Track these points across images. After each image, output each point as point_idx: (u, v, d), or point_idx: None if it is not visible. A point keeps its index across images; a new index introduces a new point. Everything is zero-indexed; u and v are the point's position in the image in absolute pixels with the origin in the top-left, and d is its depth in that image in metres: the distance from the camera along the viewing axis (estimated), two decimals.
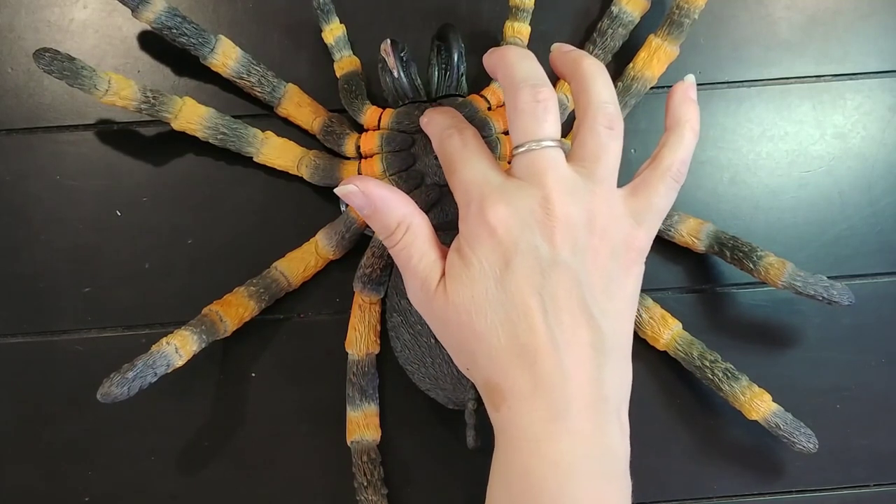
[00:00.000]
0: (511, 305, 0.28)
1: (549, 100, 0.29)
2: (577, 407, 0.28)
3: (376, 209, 0.30)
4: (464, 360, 0.31)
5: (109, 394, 0.32)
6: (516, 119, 0.29)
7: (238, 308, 0.36)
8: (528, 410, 0.28)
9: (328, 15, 0.39)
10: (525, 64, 0.30)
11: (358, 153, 0.38)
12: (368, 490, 0.36)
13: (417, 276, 0.30)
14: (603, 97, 0.30)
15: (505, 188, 0.29)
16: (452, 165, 0.31)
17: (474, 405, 0.34)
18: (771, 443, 0.38)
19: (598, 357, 0.29)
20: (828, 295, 0.36)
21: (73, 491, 0.38)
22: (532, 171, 0.29)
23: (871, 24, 0.41)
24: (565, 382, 0.28)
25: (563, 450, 0.28)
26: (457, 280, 0.29)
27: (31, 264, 0.39)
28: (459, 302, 0.29)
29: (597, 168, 0.29)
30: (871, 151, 0.40)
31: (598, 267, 0.29)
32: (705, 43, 0.41)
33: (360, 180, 0.30)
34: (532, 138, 0.29)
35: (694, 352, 0.37)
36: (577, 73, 0.31)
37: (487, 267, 0.28)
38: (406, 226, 0.30)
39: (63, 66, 0.35)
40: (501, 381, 0.29)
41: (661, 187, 0.31)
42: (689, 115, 0.32)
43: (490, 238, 0.28)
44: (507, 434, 0.29)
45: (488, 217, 0.28)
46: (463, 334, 0.29)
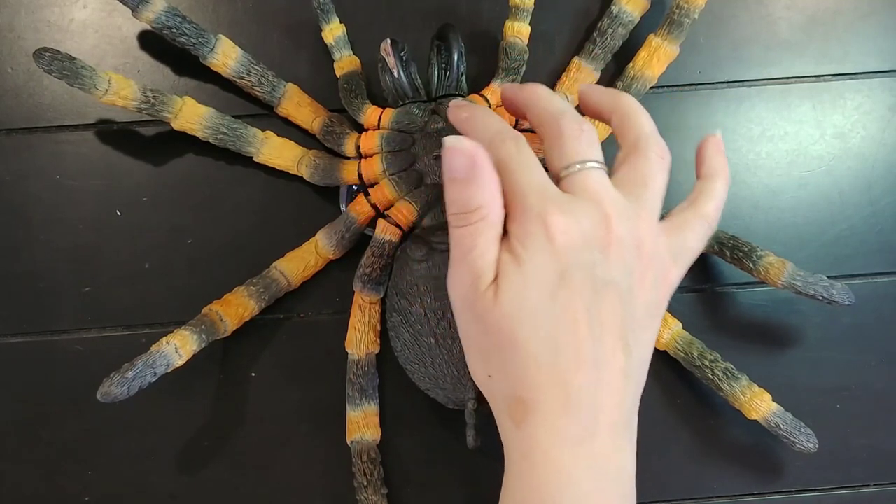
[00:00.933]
0: (560, 319, 0.27)
1: (594, 132, 0.30)
2: (603, 430, 0.28)
3: (471, 179, 0.28)
4: (490, 368, 0.29)
5: (109, 393, 0.32)
6: (563, 143, 0.29)
7: (238, 308, 0.36)
8: (556, 430, 0.27)
9: (328, 15, 0.39)
10: (560, 99, 0.31)
11: (358, 153, 0.38)
12: (368, 490, 0.36)
13: (472, 269, 0.28)
14: (652, 128, 0.31)
15: (566, 200, 0.28)
16: (507, 170, 0.29)
17: (474, 405, 0.34)
18: (771, 442, 0.38)
19: (627, 383, 0.28)
20: (828, 294, 0.36)
21: (73, 491, 0.38)
22: (588, 190, 0.29)
23: (870, 23, 0.41)
24: (597, 405, 0.28)
25: (587, 473, 0.27)
26: (509, 283, 0.28)
27: (31, 264, 0.39)
28: (508, 307, 0.28)
29: (645, 194, 0.29)
30: (870, 151, 0.40)
31: (643, 292, 0.29)
32: (705, 42, 0.41)
33: (472, 143, 0.28)
34: (582, 159, 0.29)
35: (694, 351, 0.37)
36: (619, 107, 0.31)
37: (542, 275, 0.28)
38: (484, 213, 0.28)
39: (63, 65, 0.35)
40: (531, 395, 0.28)
41: (699, 230, 0.31)
42: (723, 168, 0.32)
43: (549, 246, 0.28)
44: (526, 454, 0.28)
45: (550, 226, 0.27)
46: (501, 340, 0.28)
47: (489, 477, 0.39)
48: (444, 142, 0.28)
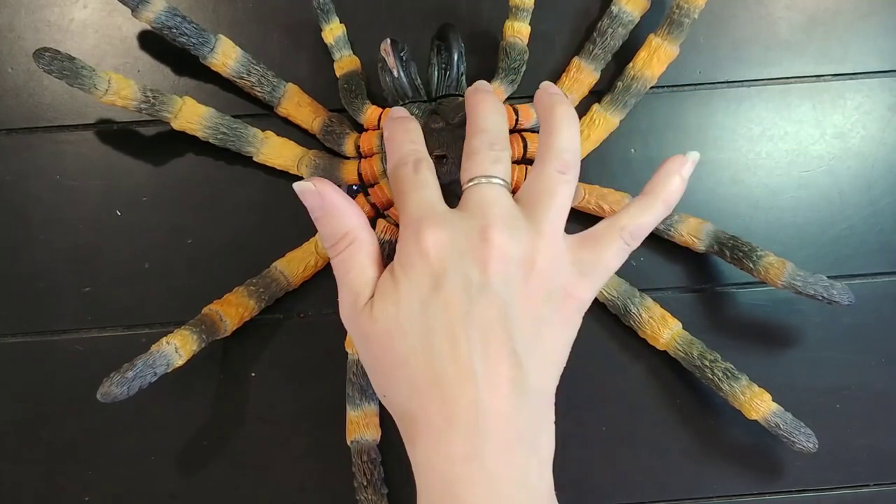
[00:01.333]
0: (434, 330, 0.27)
1: (504, 152, 0.31)
2: (493, 446, 0.27)
3: (327, 214, 0.30)
4: (383, 386, 0.30)
5: (109, 393, 0.32)
6: (471, 157, 0.30)
7: (238, 308, 0.36)
8: (443, 446, 0.27)
9: (328, 14, 0.39)
10: (496, 118, 0.32)
11: (358, 153, 0.38)
12: (368, 490, 0.36)
13: (351, 290, 0.30)
14: (563, 144, 0.30)
15: (446, 216, 0.29)
16: (400, 194, 0.30)
17: None
18: (771, 442, 0.38)
19: (518, 396, 0.27)
20: (828, 294, 0.36)
21: (73, 491, 0.38)
22: (477, 203, 0.29)
23: (870, 23, 0.41)
24: (481, 419, 0.27)
25: (478, 492, 0.26)
26: (384, 299, 0.29)
27: (31, 264, 0.39)
28: (383, 320, 0.28)
29: (541, 209, 0.29)
30: (870, 151, 0.40)
31: (530, 305, 0.28)
32: (705, 42, 0.41)
33: (319, 181, 0.30)
34: (483, 174, 0.30)
35: (694, 351, 0.37)
36: (547, 118, 0.31)
37: (415, 289, 0.28)
38: (351, 238, 0.30)
39: (63, 65, 0.35)
40: (417, 411, 0.28)
41: (612, 245, 0.30)
42: (670, 188, 0.30)
43: (421, 260, 0.28)
44: (423, 474, 0.28)
45: (423, 239, 0.28)
46: (385, 356, 0.29)
47: None
48: (294, 187, 0.30)
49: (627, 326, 0.38)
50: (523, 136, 0.37)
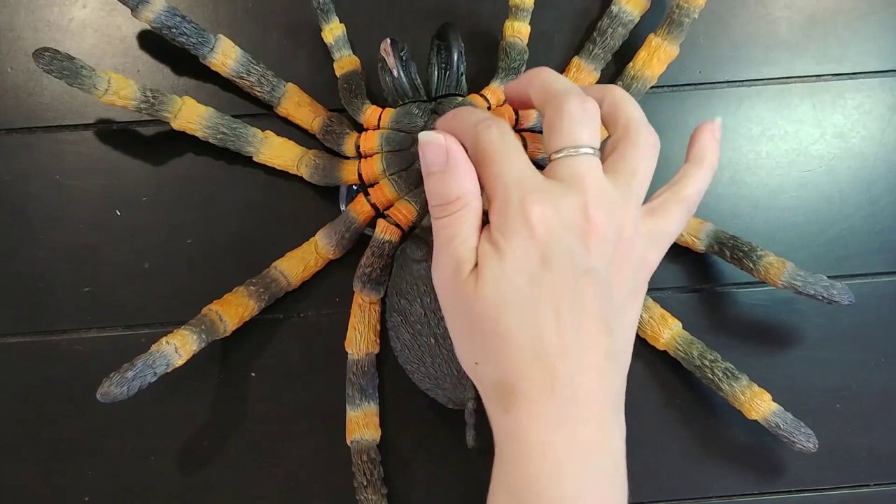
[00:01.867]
0: (540, 305, 0.28)
1: (595, 111, 0.30)
2: (588, 413, 0.28)
3: (448, 171, 0.29)
4: (477, 356, 0.30)
5: (109, 393, 0.32)
6: (561, 123, 0.29)
7: (238, 307, 0.36)
8: (541, 414, 0.28)
9: (328, 14, 0.39)
10: (564, 79, 0.31)
11: (358, 152, 0.38)
12: (368, 489, 0.36)
13: (453, 257, 0.29)
14: (641, 115, 0.31)
15: (547, 188, 0.28)
16: (490, 158, 0.29)
17: (474, 405, 0.34)
18: (771, 442, 0.38)
19: (611, 366, 0.29)
20: (828, 294, 0.36)
21: (73, 491, 0.38)
22: (573, 176, 0.29)
23: (870, 23, 0.41)
24: (580, 388, 0.28)
25: (574, 456, 0.28)
26: (489, 272, 0.28)
27: (31, 264, 0.39)
28: (489, 294, 0.28)
29: (633, 182, 0.30)
30: (870, 151, 0.40)
31: (622, 279, 0.29)
32: (705, 42, 0.41)
33: (445, 135, 0.29)
34: (575, 143, 0.29)
35: (694, 351, 0.37)
36: (609, 95, 0.31)
37: (522, 263, 0.28)
38: (465, 203, 0.29)
39: (62, 65, 0.35)
40: (517, 382, 0.28)
41: (677, 214, 0.31)
42: (713, 153, 0.32)
43: (528, 233, 0.28)
44: (515, 439, 0.28)
45: (530, 214, 0.28)
46: (485, 328, 0.28)
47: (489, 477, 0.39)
48: (418, 138, 0.29)
49: None
50: (523, 136, 0.37)
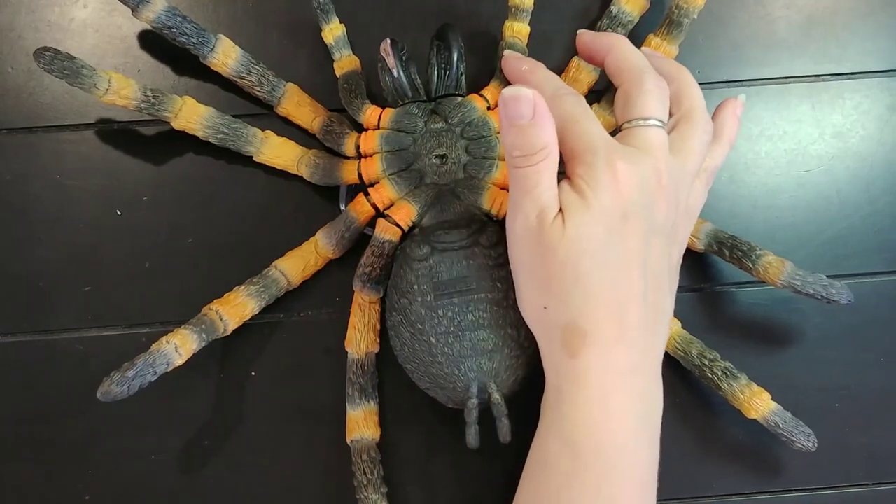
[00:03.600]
0: (619, 255, 0.30)
1: (667, 90, 0.32)
2: (647, 366, 0.31)
3: (535, 123, 0.30)
4: (547, 299, 0.31)
5: (109, 392, 0.32)
6: (641, 96, 0.32)
7: (238, 307, 0.36)
8: (610, 358, 0.30)
9: (328, 14, 0.39)
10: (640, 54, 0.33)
11: (358, 152, 0.38)
12: (368, 489, 0.36)
13: (537, 203, 0.31)
14: (703, 104, 0.33)
15: (628, 151, 0.31)
16: (572, 120, 0.31)
17: (474, 404, 0.34)
18: (770, 441, 0.38)
19: (664, 324, 0.32)
20: (827, 294, 0.36)
21: (73, 490, 0.38)
22: (648, 144, 0.31)
23: (869, 23, 0.41)
24: (646, 338, 0.30)
25: (631, 404, 0.30)
26: (577, 216, 0.30)
27: (31, 264, 0.39)
28: (576, 239, 0.30)
29: (691, 161, 0.32)
30: (869, 151, 0.40)
31: (678, 246, 0.33)
32: (704, 42, 0.41)
33: (531, 90, 0.30)
34: (651, 115, 0.31)
35: (693, 350, 0.37)
36: (680, 77, 0.34)
37: (608, 213, 0.30)
38: (549, 152, 0.30)
39: (63, 65, 0.35)
40: (588, 325, 0.30)
41: (700, 186, 0.34)
42: (732, 129, 0.35)
43: (615, 188, 0.30)
44: (578, 383, 0.30)
45: (618, 170, 0.30)
46: (565, 271, 0.30)
47: (489, 476, 0.39)
48: (504, 92, 0.30)
49: None
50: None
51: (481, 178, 0.37)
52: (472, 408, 0.34)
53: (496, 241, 0.34)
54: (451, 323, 0.34)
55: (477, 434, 0.34)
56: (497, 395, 0.34)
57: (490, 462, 0.38)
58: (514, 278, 0.33)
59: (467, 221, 0.36)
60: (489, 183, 0.37)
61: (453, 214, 0.36)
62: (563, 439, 0.30)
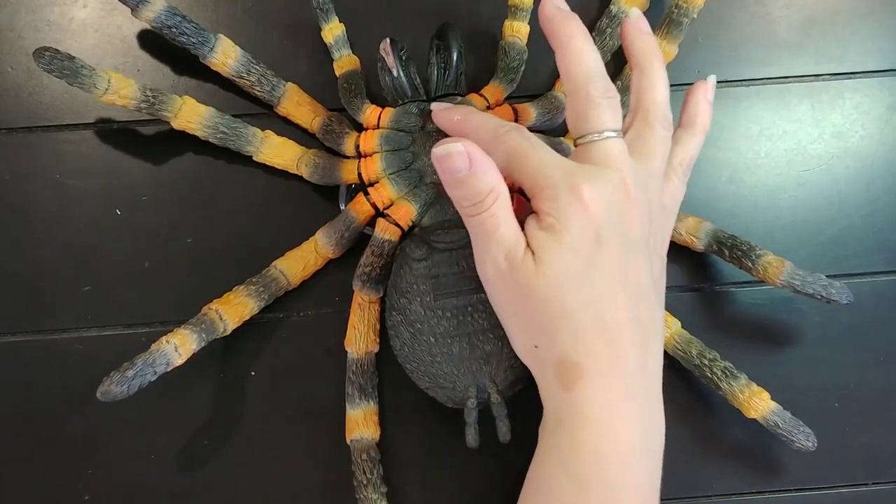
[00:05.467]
0: (600, 281, 0.29)
1: (617, 98, 0.31)
2: (645, 383, 0.30)
3: (474, 173, 0.30)
4: (536, 339, 0.30)
5: (109, 392, 0.32)
6: (589, 110, 0.31)
7: (238, 307, 0.36)
8: (605, 388, 0.29)
9: (327, 14, 0.39)
10: (593, 55, 0.31)
11: (357, 152, 0.38)
12: (368, 488, 0.37)
13: (503, 245, 0.30)
14: (664, 98, 0.32)
15: (589, 170, 0.30)
16: (521, 156, 0.30)
17: (473, 404, 0.34)
18: (769, 441, 0.38)
19: (658, 337, 0.31)
20: (826, 293, 0.36)
21: (73, 490, 0.38)
22: (607, 158, 0.30)
23: (869, 23, 0.41)
24: (639, 358, 0.30)
25: (632, 429, 0.29)
26: (549, 253, 0.29)
27: (30, 263, 0.39)
28: (552, 275, 0.29)
29: (654, 163, 0.31)
30: (869, 150, 0.40)
31: (658, 252, 0.32)
32: (704, 42, 0.41)
33: (461, 142, 0.30)
34: (603, 128, 0.30)
35: (693, 350, 0.37)
36: (646, 68, 0.33)
37: (580, 242, 0.29)
38: (497, 193, 0.30)
39: (63, 64, 0.35)
40: (581, 359, 0.29)
41: (676, 182, 0.33)
42: (704, 116, 0.34)
43: (584, 214, 0.29)
44: (577, 414, 0.29)
45: (582, 194, 0.29)
46: (548, 309, 0.29)
47: (489, 475, 0.39)
48: (434, 152, 0.30)
49: None
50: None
51: None
52: (471, 407, 0.34)
53: None
54: (450, 323, 0.34)
55: (476, 434, 0.34)
56: (496, 395, 0.34)
57: (490, 462, 0.38)
58: (500, 320, 0.32)
59: None
60: None
61: (453, 214, 0.36)
62: (563, 465, 0.30)
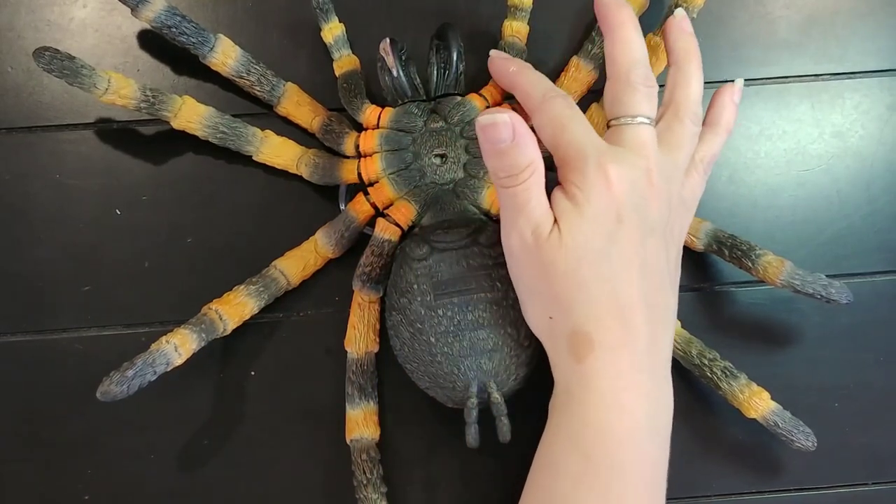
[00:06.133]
0: (617, 259, 0.30)
1: (655, 88, 0.33)
2: (656, 365, 0.31)
3: (517, 144, 0.30)
4: (552, 309, 0.31)
5: (109, 392, 0.32)
6: (627, 94, 0.32)
7: (238, 307, 0.36)
8: (617, 360, 0.30)
9: (327, 14, 0.39)
10: (639, 44, 0.33)
11: (357, 152, 0.38)
12: (368, 488, 0.37)
13: (532, 219, 0.31)
14: (697, 96, 0.34)
15: (620, 152, 0.31)
16: (562, 124, 0.31)
17: (473, 404, 0.34)
18: (769, 441, 0.38)
19: (670, 322, 0.32)
20: (826, 293, 0.36)
21: (73, 490, 0.38)
22: (636, 143, 0.31)
23: (869, 23, 0.41)
24: (649, 338, 0.30)
25: (639, 405, 0.30)
26: (573, 225, 0.30)
27: (30, 263, 0.39)
28: (574, 247, 0.30)
29: (679, 155, 0.32)
30: (869, 150, 0.40)
31: (675, 242, 0.33)
32: (704, 42, 0.40)
33: (511, 113, 0.30)
34: (637, 113, 0.32)
35: (693, 350, 0.37)
36: (683, 65, 0.34)
37: (602, 217, 0.30)
38: (534, 168, 0.30)
39: (63, 64, 0.35)
40: (594, 331, 0.30)
41: (696, 177, 0.34)
42: (729, 116, 0.35)
43: (608, 192, 0.30)
44: (587, 386, 0.30)
45: (609, 172, 0.30)
46: (566, 281, 0.30)
47: (489, 475, 0.39)
48: (480, 120, 0.30)
49: None
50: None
51: (481, 177, 0.37)
52: (471, 407, 0.34)
53: (495, 240, 0.34)
54: (450, 322, 0.34)
55: (477, 433, 0.34)
56: (497, 395, 0.34)
57: (490, 462, 0.38)
58: (517, 293, 0.33)
59: (466, 221, 0.36)
60: (489, 182, 0.37)
61: (453, 214, 0.36)
62: (572, 440, 0.30)
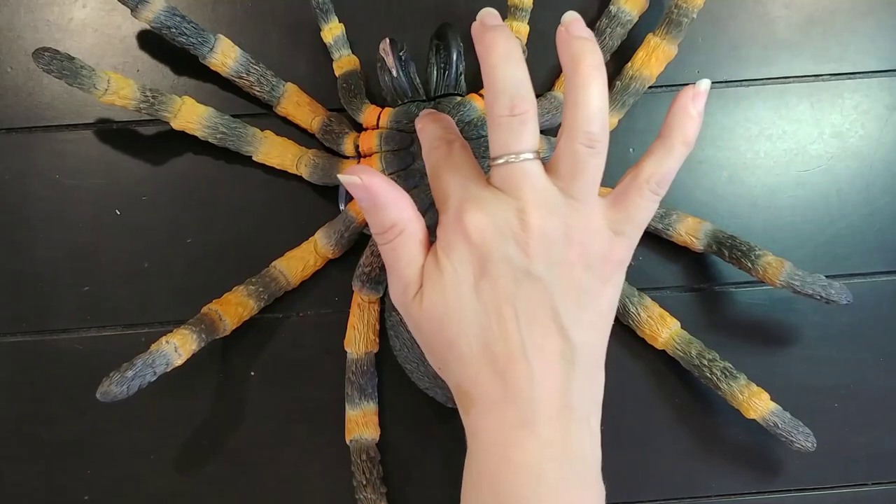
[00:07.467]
0: (484, 313, 0.29)
1: (528, 112, 0.28)
2: (545, 414, 0.28)
3: (375, 205, 0.30)
4: (437, 363, 0.31)
5: (109, 392, 0.32)
6: (493, 130, 0.29)
7: (237, 307, 0.36)
8: (497, 416, 0.29)
9: (327, 14, 0.39)
10: (507, 68, 0.28)
11: (357, 152, 0.38)
12: (367, 488, 0.37)
13: (401, 279, 0.30)
14: (589, 113, 0.28)
15: (482, 197, 0.29)
16: (436, 173, 0.31)
17: None
18: (769, 441, 0.38)
19: (568, 367, 0.29)
20: (826, 294, 0.36)
21: (73, 490, 0.38)
22: (509, 183, 0.29)
23: (869, 23, 0.41)
24: (533, 391, 0.28)
25: (531, 455, 0.28)
26: (431, 287, 0.29)
27: (30, 264, 0.39)
28: (431, 309, 0.29)
29: (573, 184, 0.29)
30: (869, 150, 0.40)
31: (573, 280, 0.29)
32: (704, 42, 0.41)
33: (364, 172, 0.29)
34: (510, 151, 0.29)
35: (692, 350, 0.37)
36: (573, 75, 0.28)
37: (462, 274, 0.29)
38: (400, 229, 0.30)
39: (62, 65, 0.35)
40: (471, 388, 0.29)
41: (639, 200, 0.29)
42: (686, 127, 0.30)
43: (465, 245, 0.29)
44: (477, 438, 0.29)
45: (465, 224, 0.28)
46: (436, 339, 0.30)
47: None
48: (340, 179, 0.30)
49: (626, 325, 0.38)
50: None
51: None
52: None
53: None
54: None
55: None
56: None
57: None
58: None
59: None
60: None
61: None
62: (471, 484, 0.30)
